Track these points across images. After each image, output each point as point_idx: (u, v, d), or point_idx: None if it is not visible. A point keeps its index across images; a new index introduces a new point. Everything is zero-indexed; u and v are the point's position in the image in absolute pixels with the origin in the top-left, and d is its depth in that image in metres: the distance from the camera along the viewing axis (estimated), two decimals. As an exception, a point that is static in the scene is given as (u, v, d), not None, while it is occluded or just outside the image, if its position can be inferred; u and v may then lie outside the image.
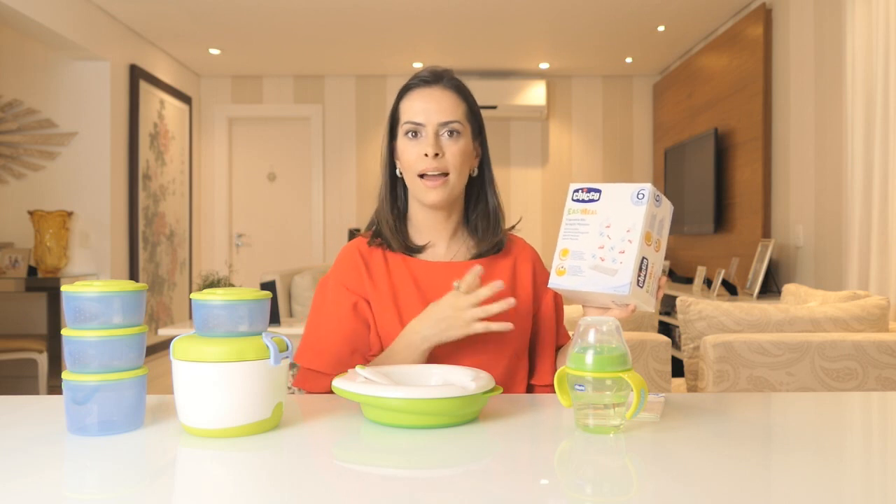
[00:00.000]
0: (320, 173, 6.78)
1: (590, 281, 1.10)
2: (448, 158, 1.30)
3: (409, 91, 1.35)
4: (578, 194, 1.15)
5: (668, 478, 0.82)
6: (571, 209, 1.15)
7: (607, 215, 1.12)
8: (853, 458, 0.92)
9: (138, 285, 0.99)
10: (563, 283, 1.12)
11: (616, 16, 5.06)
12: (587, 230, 1.12)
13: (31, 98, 4.91)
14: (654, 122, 6.74)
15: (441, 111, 1.31)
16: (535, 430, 1.01)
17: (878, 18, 3.11)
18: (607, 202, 1.12)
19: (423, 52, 6.02)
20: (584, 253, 1.11)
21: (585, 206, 1.14)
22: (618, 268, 1.08)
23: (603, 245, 1.10)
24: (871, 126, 3.18)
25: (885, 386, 2.07)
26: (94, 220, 4.96)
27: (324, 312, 1.32)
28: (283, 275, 3.99)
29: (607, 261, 1.09)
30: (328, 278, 1.35)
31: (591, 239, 1.11)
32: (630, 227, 1.09)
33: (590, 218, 1.13)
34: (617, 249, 1.09)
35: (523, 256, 1.41)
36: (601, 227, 1.11)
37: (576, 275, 1.11)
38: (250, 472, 0.86)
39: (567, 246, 1.13)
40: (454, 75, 1.36)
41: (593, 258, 1.10)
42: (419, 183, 1.31)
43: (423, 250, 1.36)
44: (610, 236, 1.10)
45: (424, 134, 1.30)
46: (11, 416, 1.08)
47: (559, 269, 1.13)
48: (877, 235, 3.09)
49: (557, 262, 1.14)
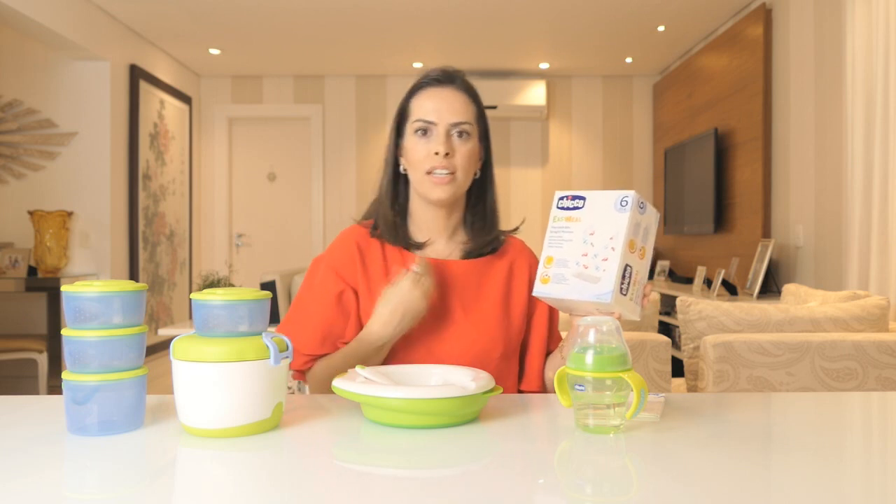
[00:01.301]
0: (320, 173, 6.78)
1: (574, 289, 1.10)
2: (457, 159, 1.31)
3: (420, 90, 1.35)
4: (563, 202, 1.15)
5: (668, 478, 0.82)
6: (556, 217, 1.15)
7: (591, 223, 1.11)
8: (853, 458, 0.92)
9: (138, 285, 0.99)
10: (547, 291, 1.12)
11: (616, 16, 5.06)
12: (571, 238, 1.12)
13: (31, 98, 4.91)
14: (654, 122, 6.74)
15: (453, 111, 1.31)
16: (535, 430, 1.01)
17: (878, 18, 3.11)
18: (591, 210, 1.12)
19: (423, 52, 6.02)
20: (567, 261, 1.11)
21: (570, 214, 1.14)
22: (601, 275, 1.08)
23: (587, 253, 1.10)
24: (871, 126, 3.18)
25: (885, 386, 2.07)
26: (94, 220, 4.96)
27: (311, 291, 1.35)
28: (283, 275, 3.99)
29: (591, 268, 1.09)
30: (322, 258, 1.37)
31: (575, 247, 1.11)
32: (613, 234, 1.09)
33: (574, 225, 1.13)
34: (600, 257, 1.09)
35: (521, 259, 1.41)
36: (585, 234, 1.11)
37: (560, 283, 1.11)
38: (250, 472, 0.86)
39: (552, 254, 1.13)
40: (465, 77, 1.37)
41: (577, 266, 1.10)
42: (426, 179, 1.31)
43: (422, 247, 1.37)
44: (594, 244, 1.10)
45: (435, 133, 1.31)
46: (11, 416, 1.08)
47: (543, 277, 1.13)
48: (877, 235, 3.09)
49: (542, 270, 1.14)
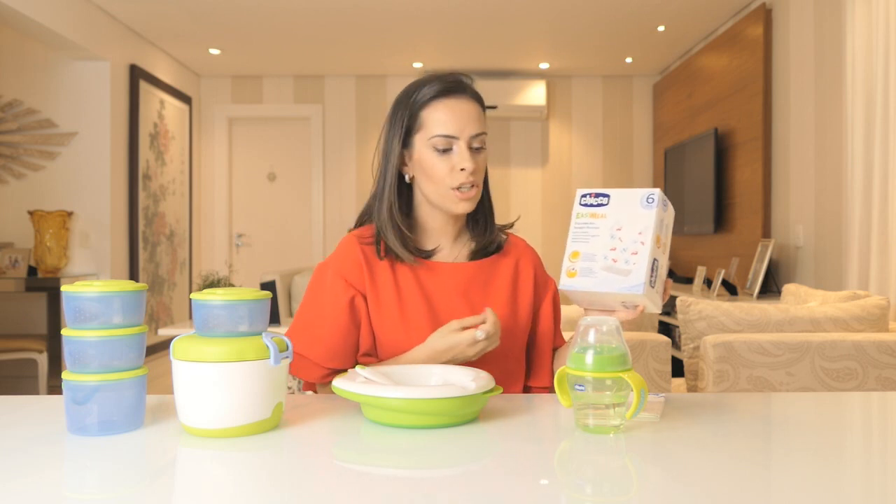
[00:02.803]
0: (320, 173, 6.78)
1: (603, 282, 1.13)
2: (477, 172, 1.30)
3: (435, 100, 1.29)
4: (587, 199, 1.19)
5: (668, 478, 0.82)
6: (580, 213, 1.18)
7: (617, 219, 1.15)
8: (853, 458, 0.92)
9: (138, 285, 0.99)
10: (574, 284, 1.15)
11: (616, 16, 5.06)
12: (597, 233, 1.16)
13: (31, 98, 4.91)
14: (654, 122, 6.74)
15: (473, 124, 1.29)
16: (535, 430, 1.01)
17: (878, 18, 3.11)
18: (616, 206, 1.16)
19: (423, 52, 6.02)
20: (595, 255, 1.14)
21: (594, 211, 1.17)
22: (631, 268, 1.12)
23: (615, 247, 1.14)
24: (871, 126, 3.18)
25: (885, 386, 2.07)
26: (94, 220, 4.96)
27: (320, 299, 1.31)
28: (283, 275, 4.00)
29: (620, 262, 1.13)
30: (327, 265, 1.33)
31: (603, 241, 1.15)
32: (642, 229, 1.13)
33: (599, 221, 1.16)
34: (629, 251, 1.13)
35: (525, 258, 1.42)
36: (612, 229, 1.15)
37: (587, 276, 1.14)
38: (250, 472, 0.86)
39: (577, 248, 1.16)
40: (473, 83, 1.35)
41: (605, 259, 1.14)
42: (452, 194, 1.29)
43: (432, 255, 1.35)
44: (622, 238, 1.14)
45: (458, 148, 1.28)
46: (11, 416, 1.08)
47: (570, 271, 1.15)
48: (877, 235, 3.09)
49: (568, 265, 1.16)
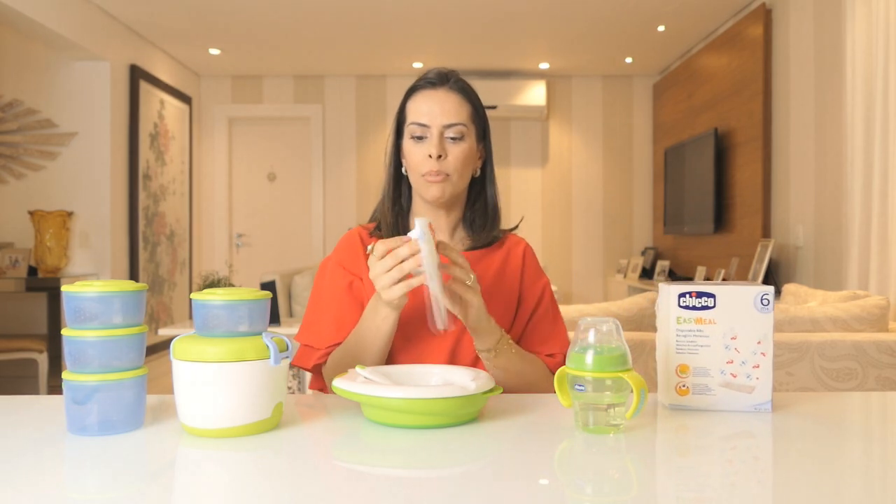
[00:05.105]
0: (320, 173, 6.78)
1: (722, 400, 1.03)
2: (450, 161, 1.32)
3: (415, 92, 1.36)
4: (686, 299, 1.04)
5: (668, 478, 0.82)
6: (682, 318, 1.04)
7: (730, 325, 1.03)
8: (853, 458, 0.91)
9: (138, 285, 0.99)
10: (688, 403, 1.05)
11: (616, 16, 5.06)
12: (708, 342, 1.04)
13: (31, 98, 4.91)
14: (654, 122, 6.74)
15: (445, 113, 1.32)
16: (535, 430, 1.01)
17: (878, 18, 3.11)
18: (726, 309, 1.03)
19: (423, 52, 6.02)
20: (709, 370, 1.03)
21: (700, 315, 1.04)
22: (755, 384, 1.02)
23: (732, 360, 1.03)
24: (871, 126, 3.18)
25: (885, 386, 2.07)
26: (94, 220, 4.96)
27: (322, 292, 1.38)
28: (283, 275, 4.00)
29: (740, 377, 1.03)
30: (329, 259, 1.41)
31: (716, 353, 1.03)
32: (760, 338, 1.02)
33: (708, 329, 1.03)
34: (749, 364, 1.02)
35: (516, 250, 1.43)
36: (725, 338, 1.03)
37: (703, 394, 1.04)
38: (250, 472, 0.86)
39: (686, 361, 1.04)
40: (460, 77, 1.38)
41: (722, 375, 1.03)
42: (422, 180, 1.33)
43: None
44: (738, 349, 1.03)
45: (429, 136, 1.32)
46: (11, 416, 1.08)
47: (681, 389, 1.05)
48: (877, 235, 3.09)
49: (676, 380, 1.05)
